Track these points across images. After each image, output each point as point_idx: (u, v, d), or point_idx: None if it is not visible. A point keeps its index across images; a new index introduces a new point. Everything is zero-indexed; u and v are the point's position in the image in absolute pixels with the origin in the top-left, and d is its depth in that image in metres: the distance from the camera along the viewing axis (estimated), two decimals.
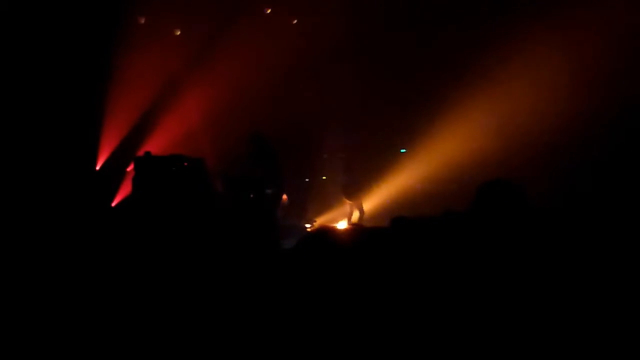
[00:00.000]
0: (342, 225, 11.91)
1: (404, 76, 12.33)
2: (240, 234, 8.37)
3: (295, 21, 12.57)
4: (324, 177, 14.17)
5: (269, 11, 12.35)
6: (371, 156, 12.74)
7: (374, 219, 11.25)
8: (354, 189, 11.49)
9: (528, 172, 6.69)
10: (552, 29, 9.88)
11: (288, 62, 11.79)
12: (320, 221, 12.29)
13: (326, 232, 3.05)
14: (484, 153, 10.81)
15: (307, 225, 11.86)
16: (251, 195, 9.80)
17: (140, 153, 9.92)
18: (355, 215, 11.56)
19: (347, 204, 11.66)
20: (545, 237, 2.77)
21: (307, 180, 13.92)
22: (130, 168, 11.03)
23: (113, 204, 11.24)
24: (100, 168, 11.69)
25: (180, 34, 12.32)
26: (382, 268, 2.87)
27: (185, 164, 8.87)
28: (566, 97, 9.81)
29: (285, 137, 11.22)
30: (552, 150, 10.28)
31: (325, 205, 12.84)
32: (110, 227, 8.14)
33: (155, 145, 11.27)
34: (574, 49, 9.82)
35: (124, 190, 11.28)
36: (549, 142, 10.31)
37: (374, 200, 12.05)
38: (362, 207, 11.47)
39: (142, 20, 11.79)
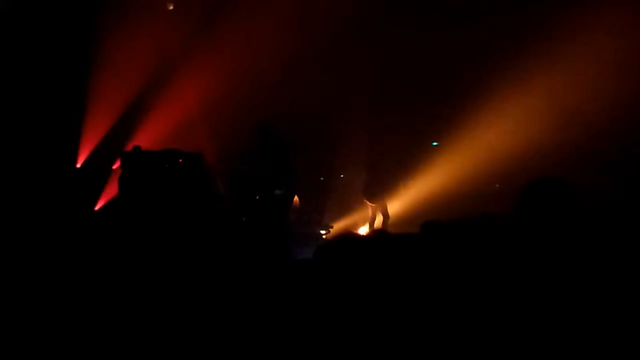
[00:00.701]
0: (363, 231, 11.93)
1: (435, 60, 12.48)
2: (245, 242, 8.48)
3: None
4: (342, 176, 14.17)
5: None
6: (397, 151, 12.72)
7: (400, 224, 11.24)
8: (377, 189, 11.47)
9: (580, 169, 6.73)
10: (599, 17, 10.47)
11: (298, 43, 11.88)
12: (337, 227, 12.29)
13: (345, 241, 3.05)
14: (529, 148, 10.94)
15: (323, 232, 11.90)
16: (257, 197, 9.85)
17: (128, 148, 10.02)
18: (379, 220, 11.57)
19: (369, 207, 11.65)
20: (600, 245, 2.77)
21: (322, 179, 13.92)
22: (116, 165, 11.10)
23: (96, 208, 11.32)
24: (82, 166, 11.78)
25: (173, 10, 12.36)
26: (411, 283, 2.89)
27: (180, 160, 8.98)
28: (616, 88, 10.31)
29: (297, 129, 11.30)
30: (605, 145, 10.60)
31: (344, 208, 12.84)
32: (93, 234, 8.19)
33: (146, 138, 11.35)
34: (622, 39, 10.44)
35: (109, 192, 11.35)
36: (603, 136, 10.60)
37: (401, 202, 12.04)
38: (386, 211, 11.46)
39: None
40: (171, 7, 12.41)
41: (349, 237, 3.06)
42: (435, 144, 13.39)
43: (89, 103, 11.73)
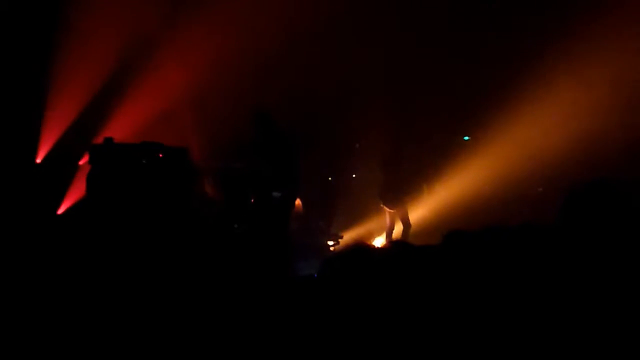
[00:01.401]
0: (379, 243, 11.95)
1: (468, 47, 12.83)
2: (237, 254, 8.49)
3: None
4: (354, 176, 14.22)
5: None
6: (421, 146, 12.86)
7: (424, 234, 11.27)
8: (397, 192, 11.50)
9: (635, 172, 6.83)
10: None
11: (302, 22, 11.99)
12: (348, 237, 12.39)
13: (357, 254, 3.06)
14: (578, 146, 11.04)
15: (331, 244, 11.93)
16: (252, 200, 9.86)
17: (98, 140, 10.02)
18: (398, 229, 11.60)
19: (387, 213, 11.68)
20: None
21: (330, 179, 13.96)
22: (83, 161, 11.12)
23: (59, 211, 11.34)
24: (42, 161, 11.79)
25: None
26: (437, 306, 2.87)
27: (161, 155, 8.98)
28: None
29: (300, 120, 11.42)
30: None
31: (356, 214, 12.94)
32: (56, 242, 8.20)
33: (119, 129, 11.37)
34: None
35: (75, 192, 11.38)
36: None
37: (425, 208, 12.16)
38: (407, 218, 11.49)
39: None
40: None
41: (361, 250, 3.06)
42: (466, 138, 13.45)
43: (51, 87, 11.76)
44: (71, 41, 11.58)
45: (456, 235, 3.21)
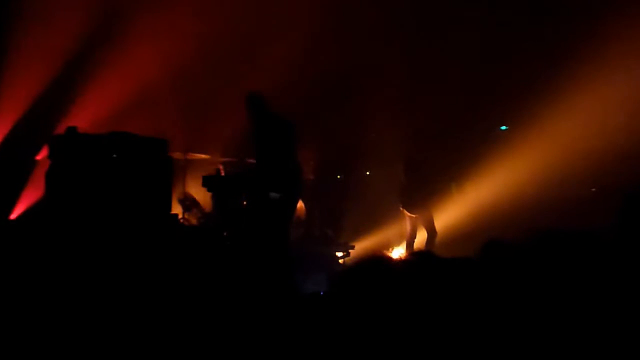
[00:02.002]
0: (398, 254, 11.92)
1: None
2: (227, 269, 8.47)
3: None
4: (368, 174, 14.24)
5: None
6: (449, 138, 12.89)
7: (452, 243, 11.36)
8: (420, 193, 11.50)
9: None
10: None
11: None
12: (362, 247, 12.37)
13: (373, 267, 3.05)
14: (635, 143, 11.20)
15: (340, 255, 11.93)
16: (245, 203, 9.87)
17: (60, 130, 10.02)
18: (421, 237, 11.60)
19: (408, 219, 11.68)
20: None
21: (339, 177, 13.97)
22: (42, 155, 11.13)
23: (12, 216, 11.36)
24: None
25: None
26: (468, 329, 2.84)
27: (134, 147, 8.97)
28: None
29: (304, 107, 11.58)
30: None
31: (371, 220, 12.98)
32: (9, 252, 8.22)
33: (85, 117, 11.45)
34: None
35: (31, 193, 11.39)
36: None
37: (453, 212, 12.16)
38: (432, 224, 11.48)
39: None
40: None
41: (378, 262, 3.04)
42: (503, 128, 13.45)
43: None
44: (24, 15, 11.62)
45: (494, 246, 3.19)
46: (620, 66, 11.84)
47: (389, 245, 12.41)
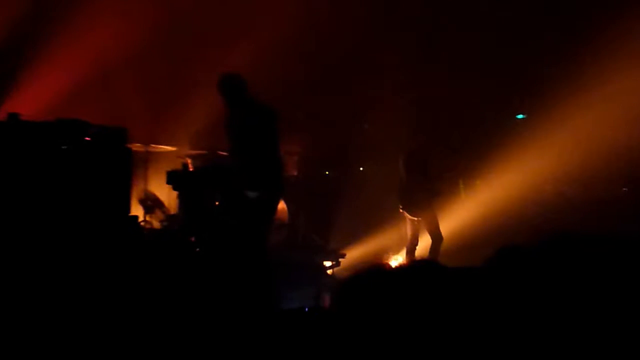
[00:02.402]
0: (396, 263, 11.92)
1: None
2: (196, 281, 8.46)
3: None
4: (362, 169, 14.23)
5: None
6: (457, 129, 12.93)
7: (459, 250, 11.42)
8: (422, 192, 11.51)
9: None
10: None
11: None
12: (353, 256, 12.39)
13: (370, 279, 3.04)
14: None
15: (329, 264, 11.93)
16: (216, 203, 9.85)
17: (0, 116, 10.02)
18: (424, 243, 11.61)
19: (408, 222, 11.69)
20: None
21: (327, 173, 13.98)
22: None
23: None
24: None
25: None
26: (479, 349, 2.85)
27: (89, 137, 8.95)
28: None
29: (283, 93, 11.60)
30: None
31: (365, 223, 13.00)
32: None
33: (29, 102, 11.35)
34: None
35: None
36: None
37: (462, 214, 12.19)
38: (437, 229, 11.48)
39: None
40: None
41: (369, 274, 3.03)
42: (520, 116, 13.51)
43: None
44: None
45: (509, 253, 3.18)
46: None
47: (386, 253, 12.39)
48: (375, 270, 3.01)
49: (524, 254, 3.13)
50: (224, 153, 10.44)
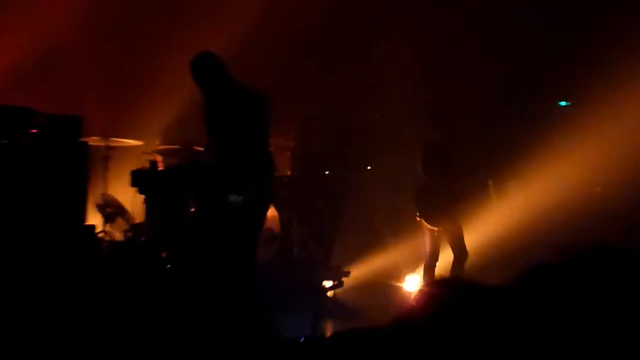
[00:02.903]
0: (413, 283, 11.91)
1: None
2: (167, 301, 8.43)
3: None
4: (370, 168, 14.26)
5: None
6: (486, 118, 12.93)
7: (489, 268, 11.46)
8: (444, 196, 11.49)
9: None
10: None
11: None
12: (359, 274, 12.45)
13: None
14: None
15: (330, 284, 11.92)
16: (192, 209, 9.84)
17: None
18: (446, 258, 11.57)
19: (427, 234, 11.67)
20: None
21: (327, 173, 13.99)
22: None
23: None
24: None
25: None
26: None
27: (36, 128, 8.95)
28: None
29: (273, 76, 11.76)
30: None
31: (373, 234, 13.11)
32: None
33: None
34: None
35: None
36: None
37: (492, 223, 12.17)
38: (461, 241, 11.48)
39: None
40: None
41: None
42: (564, 104, 13.52)
43: None
44: None
45: (547, 271, 3.17)
46: None
47: (400, 271, 12.39)
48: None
49: (554, 273, 3.12)
50: (201, 148, 10.42)
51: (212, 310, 8.49)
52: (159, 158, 11.62)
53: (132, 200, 11.62)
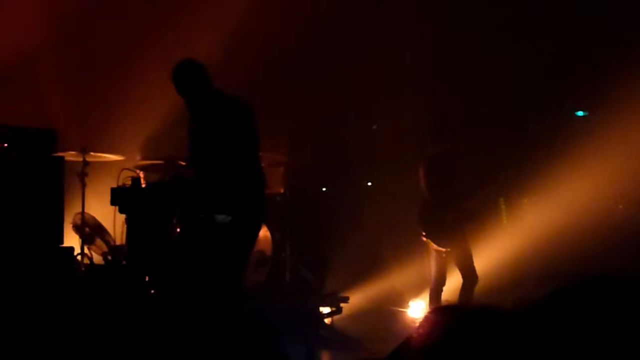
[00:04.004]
0: (417, 310, 11.91)
1: None
2: (150, 329, 8.48)
3: None
4: (370, 184, 14.24)
5: None
6: (497, 129, 12.93)
7: (500, 292, 11.34)
8: (451, 214, 11.49)
9: None
10: None
11: None
12: (359, 299, 12.43)
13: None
14: None
15: (326, 311, 11.91)
16: (177, 229, 9.83)
17: None
18: (454, 282, 11.57)
19: (432, 255, 11.65)
20: None
21: (324, 190, 13.99)
22: None
23: None
24: None
25: None
26: None
27: (4, 143, 8.97)
28: None
29: (262, 84, 11.90)
30: None
31: (374, 256, 13.12)
32: None
33: None
34: None
35: None
36: None
37: (503, 244, 12.14)
38: (470, 263, 11.47)
39: None
40: None
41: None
42: (581, 114, 13.54)
43: None
44: None
45: (560, 298, 3.17)
46: None
47: (403, 296, 12.38)
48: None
49: (567, 300, 3.12)
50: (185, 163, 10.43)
51: (197, 340, 8.49)
52: (141, 174, 11.62)
53: (112, 220, 11.61)
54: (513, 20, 13.55)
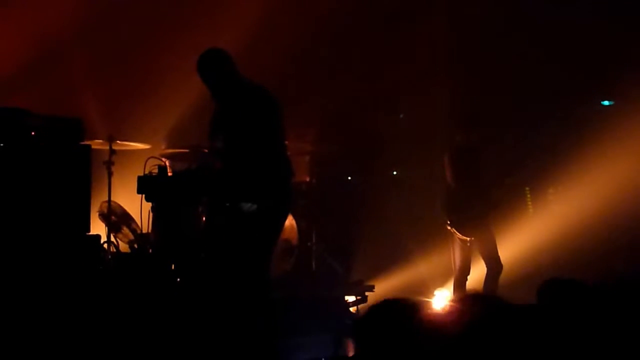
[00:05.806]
0: (442, 299, 11.98)
1: None
2: (177, 318, 8.58)
3: None
4: (395, 173, 14.24)
5: None
6: (522, 118, 13.04)
7: (526, 283, 11.11)
8: (476, 204, 11.48)
9: None
10: None
11: None
12: (385, 289, 12.40)
13: (407, 321, 3.06)
14: None
15: (352, 299, 11.92)
16: (203, 218, 9.83)
17: None
18: (479, 272, 11.56)
19: (457, 245, 11.63)
20: None
21: (349, 179, 13.97)
22: None
23: None
24: None
25: None
26: None
27: (31, 131, 8.96)
28: None
29: (289, 75, 11.94)
30: None
31: (399, 246, 13.15)
32: None
33: None
34: None
35: None
36: None
37: (529, 234, 12.16)
38: (495, 253, 11.45)
39: None
40: None
41: (406, 313, 3.05)
42: (607, 103, 13.49)
43: None
44: None
45: (590, 292, 3.21)
46: None
47: (427, 285, 12.36)
48: (405, 310, 3.03)
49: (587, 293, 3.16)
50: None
51: (223, 327, 8.50)
52: (167, 163, 11.62)
53: (138, 208, 11.60)
54: (540, 9, 13.44)
